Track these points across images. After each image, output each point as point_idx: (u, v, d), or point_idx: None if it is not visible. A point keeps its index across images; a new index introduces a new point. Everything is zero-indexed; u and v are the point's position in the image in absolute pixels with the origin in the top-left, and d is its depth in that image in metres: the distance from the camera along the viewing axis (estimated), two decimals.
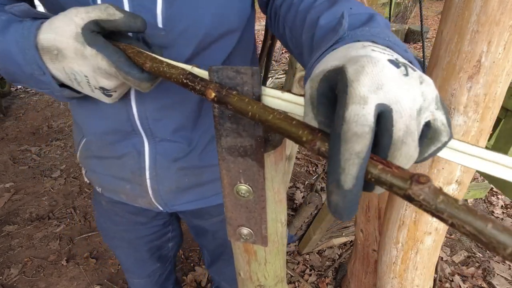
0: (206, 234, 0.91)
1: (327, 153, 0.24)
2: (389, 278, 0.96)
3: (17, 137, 3.07)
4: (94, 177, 0.78)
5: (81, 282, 1.74)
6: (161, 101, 0.59)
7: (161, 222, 0.92)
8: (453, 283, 1.73)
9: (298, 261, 1.85)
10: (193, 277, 1.75)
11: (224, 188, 0.39)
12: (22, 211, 2.18)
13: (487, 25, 0.58)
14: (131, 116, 0.60)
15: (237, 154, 0.36)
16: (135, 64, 0.42)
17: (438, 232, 0.84)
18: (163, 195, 0.71)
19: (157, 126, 0.62)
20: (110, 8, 0.41)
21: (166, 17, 0.50)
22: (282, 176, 0.42)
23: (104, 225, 0.92)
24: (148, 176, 0.67)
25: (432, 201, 0.19)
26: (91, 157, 0.72)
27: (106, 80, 0.45)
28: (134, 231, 0.90)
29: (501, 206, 2.26)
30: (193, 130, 0.66)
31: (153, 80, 0.44)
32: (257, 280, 0.54)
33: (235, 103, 0.29)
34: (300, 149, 2.78)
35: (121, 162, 0.68)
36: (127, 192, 0.73)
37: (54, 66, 0.44)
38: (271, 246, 0.48)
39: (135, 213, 0.85)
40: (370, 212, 1.29)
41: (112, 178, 0.72)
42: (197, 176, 0.71)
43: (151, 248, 0.96)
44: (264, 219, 0.41)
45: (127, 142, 0.64)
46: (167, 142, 0.64)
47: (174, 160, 0.66)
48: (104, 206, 0.87)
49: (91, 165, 0.75)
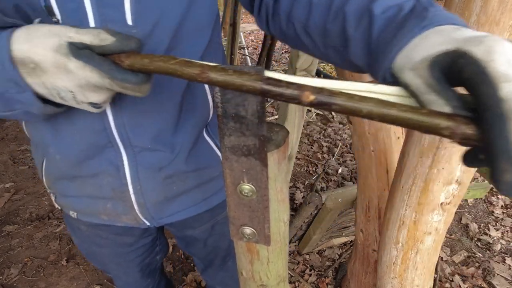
0: (196, 243, 0.87)
1: (477, 136, 0.24)
2: (389, 278, 0.96)
3: (17, 137, 3.07)
4: (66, 201, 0.70)
5: (81, 282, 1.74)
6: (137, 106, 0.55)
7: (149, 240, 0.87)
8: (453, 283, 1.73)
9: (298, 261, 1.85)
10: (193, 277, 1.75)
11: (227, 187, 0.40)
12: (22, 211, 2.18)
13: (487, 25, 0.58)
14: (106, 125, 0.55)
15: (240, 153, 0.36)
16: (126, 69, 0.38)
17: (438, 232, 0.85)
18: (150, 209, 0.67)
19: (136, 134, 0.57)
20: (102, 33, 0.37)
21: (135, 12, 0.47)
22: (285, 176, 0.43)
23: (88, 249, 0.85)
24: (132, 191, 0.63)
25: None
26: (60, 179, 0.65)
27: (95, 94, 0.41)
28: (122, 255, 0.84)
29: (501, 206, 2.26)
30: (174, 135, 0.62)
31: (150, 80, 0.40)
32: (259, 280, 0.54)
33: (344, 102, 0.27)
34: (300, 149, 2.78)
35: (97, 180, 0.62)
36: (108, 212, 0.67)
37: (32, 81, 0.39)
38: (273, 246, 0.49)
39: (121, 234, 0.79)
40: (370, 212, 1.29)
41: (89, 199, 0.66)
42: (184, 182, 0.68)
43: (142, 269, 0.92)
44: (267, 219, 0.41)
45: (101, 158, 0.59)
46: (148, 151, 0.60)
47: (159, 169, 0.63)
48: (84, 231, 0.79)
49: (61, 188, 0.68)
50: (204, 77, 0.32)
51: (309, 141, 2.95)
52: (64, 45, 0.37)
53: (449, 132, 0.24)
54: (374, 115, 0.26)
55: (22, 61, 0.37)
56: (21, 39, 0.37)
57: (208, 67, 0.32)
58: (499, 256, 1.90)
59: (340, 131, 3.08)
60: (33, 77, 0.39)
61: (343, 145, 2.88)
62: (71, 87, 0.39)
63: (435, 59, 0.27)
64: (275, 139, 0.40)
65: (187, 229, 0.82)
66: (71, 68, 0.37)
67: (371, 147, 1.18)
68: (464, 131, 0.24)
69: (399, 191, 0.84)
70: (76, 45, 0.37)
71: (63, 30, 0.37)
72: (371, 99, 0.26)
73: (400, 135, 1.15)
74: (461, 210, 2.23)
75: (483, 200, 2.32)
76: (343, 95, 0.27)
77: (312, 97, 0.27)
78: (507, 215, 2.19)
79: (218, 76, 0.31)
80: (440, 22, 0.33)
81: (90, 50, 0.37)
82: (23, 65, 0.38)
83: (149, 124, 0.58)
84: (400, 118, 0.25)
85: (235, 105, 0.33)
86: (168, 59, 0.35)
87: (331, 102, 0.27)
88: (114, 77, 0.37)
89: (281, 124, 0.43)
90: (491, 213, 2.21)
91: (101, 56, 0.37)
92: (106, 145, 0.58)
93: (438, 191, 0.77)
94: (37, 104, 0.42)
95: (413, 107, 0.26)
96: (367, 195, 1.28)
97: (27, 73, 0.38)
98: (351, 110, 0.27)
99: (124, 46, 0.37)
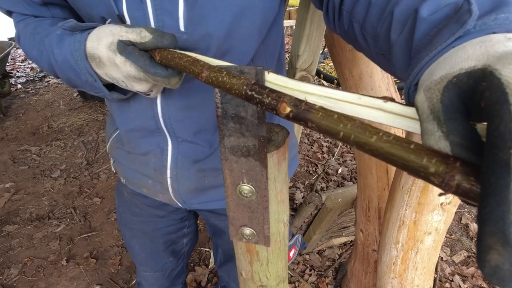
0: (223, 234, 0.93)
1: (476, 192, 0.17)
2: (389, 278, 0.96)
3: (17, 137, 3.07)
4: (120, 168, 0.81)
5: (81, 282, 1.74)
6: (184, 101, 0.61)
7: (179, 217, 0.95)
8: (453, 283, 1.73)
9: (298, 261, 1.85)
10: (193, 277, 1.75)
11: (227, 188, 0.40)
12: (22, 211, 2.18)
13: None
14: (155, 114, 0.62)
15: (240, 154, 0.36)
16: (159, 64, 0.44)
17: (438, 232, 0.84)
18: (182, 194, 0.73)
19: (179, 127, 0.64)
20: (143, 31, 0.44)
21: (188, 19, 0.51)
22: (285, 176, 0.43)
23: (123, 214, 0.95)
24: (169, 175, 0.70)
25: None
26: (120, 149, 0.77)
27: (138, 85, 0.49)
28: (152, 223, 0.92)
29: None
30: (215, 133, 0.67)
31: (180, 75, 0.47)
32: (259, 280, 0.54)
33: (320, 120, 0.23)
34: (300, 149, 2.78)
35: (145, 159, 0.70)
36: (148, 187, 0.76)
37: (100, 72, 0.49)
38: (273, 246, 0.49)
39: (155, 207, 0.88)
40: (370, 212, 1.29)
41: (136, 172, 0.76)
42: (216, 178, 0.72)
43: (166, 241, 0.98)
44: (267, 219, 0.41)
45: (152, 140, 0.67)
46: (189, 143, 0.66)
47: (194, 162, 0.68)
48: (125, 196, 0.90)
49: (119, 156, 0.79)
50: (203, 77, 0.32)
51: (309, 141, 2.95)
52: (115, 43, 0.45)
53: (439, 181, 0.18)
54: (351, 141, 0.22)
55: (92, 56, 0.48)
56: (93, 37, 0.47)
57: (207, 67, 0.32)
58: None
59: None
60: (99, 69, 0.49)
61: (343, 145, 2.88)
62: (121, 77, 0.48)
63: (455, 78, 0.21)
64: (275, 139, 0.40)
65: (215, 219, 0.89)
66: (117, 63, 0.46)
67: None
68: (459, 182, 0.17)
69: (399, 191, 0.84)
70: (125, 42, 0.45)
71: (118, 29, 0.45)
72: (351, 120, 0.22)
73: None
74: (461, 210, 2.23)
75: None
76: (322, 111, 0.23)
77: (288, 109, 0.25)
78: None
79: (212, 76, 0.32)
80: (494, 29, 0.25)
81: (134, 46, 0.45)
82: (93, 59, 0.48)
83: (192, 120, 0.63)
84: (382, 151, 0.20)
85: (235, 105, 0.33)
86: (183, 56, 0.38)
87: (306, 117, 0.24)
88: (147, 70, 0.44)
89: (281, 125, 0.43)
90: None
91: (141, 51, 0.45)
92: (154, 130, 0.65)
93: (438, 191, 0.77)
94: (105, 91, 0.53)
95: (399, 139, 0.20)
96: (367, 195, 1.28)
97: (96, 65, 0.49)
98: (326, 130, 0.23)
99: (159, 42, 0.44)
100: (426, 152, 0.19)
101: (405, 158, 0.19)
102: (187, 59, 0.37)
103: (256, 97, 0.27)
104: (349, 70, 1.12)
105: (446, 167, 0.18)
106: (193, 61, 0.35)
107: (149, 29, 0.44)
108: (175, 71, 0.45)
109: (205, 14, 0.51)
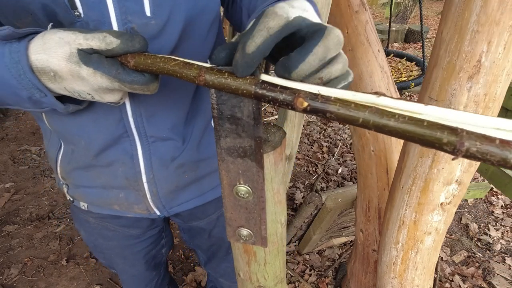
0: (202, 233, 0.90)
1: (481, 152, 0.22)
2: (389, 278, 0.96)
3: (17, 137, 3.07)
4: (79, 192, 0.72)
5: (81, 282, 1.74)
6: (156, 97, 0.58)
7: (155, 231, 0.89)
8: (453, 283, 1.73)
9: (298, 261, 1.85)
10: (193, 277, 1.75)
11: (224, 189, 0.39)
12: (22, 211, 2.18)
13: (487, 25, 0.57)
14: (124, 115, 0.58)
15: (236, 154, 0.36)
16: (134, 70, 0.39)
17: (438, 232, 0.84)
18: (162, 198, 0.69)
19: (151, 124, 0.60)
20: (107, 36, 0.38)
21: (153, 4, 0.48)
22: (282, 177, 0.42)
23: (95, 242, 0.86)
24: (145, 179, 0.65)
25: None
26: (75, 169, 0.67)
27: (109, 95, 0.44)
28: (129, 247, 0.86)
29: (501, 206, 2.26)
30: (186, 125, 0.65)
31: (158, 78, 0.42)
32: (256, 281, 0.54)
33: (338, 110, 0.26)
34: (300, 149, 2.78)
35: (111, 169, 0.64)
36: (120, 202, 0.70)
37: (55, 86, 0.43)
38: (270, 247, 0.48)
39: (128, 226, 0.81)
40: (370, 212, 1.29)
41: (102, 189, 0.69)
42: (195, 171, 0.70)
43: (147, 261, 0.93)
44: (264, 220, 0.41)
45: (117, 148, 0.62)
46: (162, 141, 0.63)
47: (171, 159, 0.65)
48: (92, 223, 0.81)
49: (75, 179, 0.70)
50: (201, 80, 0.32)
51: (309, 141, 2.94)
52: (75, 53, 0.38)
53: (451, 149, 0.22)
54: (370, 125, 0.25)
55: (43, 70, 0.40)
56: (38, 49, 0.40)
57: (205, 69, 0.32)
58: (499, 256, 1.89)
59: (340, 131, 3.08)
60: (54, 83, 0.42)
61: (343, 145, 2.87)
62: (87, 90, 0.42)
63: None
64: (271, 140, 0.39)
65: (194, 220, 0.85)
66: (84, 75, 0.39)
67: (371, 147, 1.18)
68: (469, 147, 0.21)
69: (399, 191, 0.84)
70: (86, 51, 0.39)
71: (73, 37, 0.39)
72: (367, 107, 0.25)
73: None
74: (461, 210, 2.23)
75: (483, 200, 2.31)
76: (339, 102, 0.26)
77: (306, 103, 0.27)
78: (507, 215, 2.19)
79: (214, 79, 0.31)
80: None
81: (99, 54, 0.39)
82: (44, 74, 0.41)
83: (164, 115, 0.61)
84: (398, 130, 0.24)
85: (231, 106, 0.33)
86: (168, 60, 0.35)
87: (325, 109, 0.26)
88: (123, 80, 0.39)
89: (278, 125, 0.43)
90: (491, 213, 2.20)
91: (110, 59, 0.39)
92: (122, 135, 0.60)
93: (438, 191, 0.76)
94: (59, 105, 0.46)
95: (413, 118, 0.24)
96: (367, 195, 1.28)
97: (48, 80, 0.41)
98: (346, 118, 0.25)
99: (129, 47, 0.39)
100: (438, 126, 0.22)
101: (420, 133, 0.23)
102: (175, 63, 0.35)
103: (268, 95, 0.29)
104: None
105: (456, 136, 0.22)
106: (184, 65, 0.34)
107: (114, 33, 0.39)
108: (152, 75, 0.41)
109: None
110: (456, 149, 0.22)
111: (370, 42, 1.07)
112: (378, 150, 1.16)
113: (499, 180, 1.51)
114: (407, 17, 6.45)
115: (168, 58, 0.35)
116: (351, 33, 1.07)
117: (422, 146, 0.23)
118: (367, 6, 1.08)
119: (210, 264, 1.01)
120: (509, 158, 0.20)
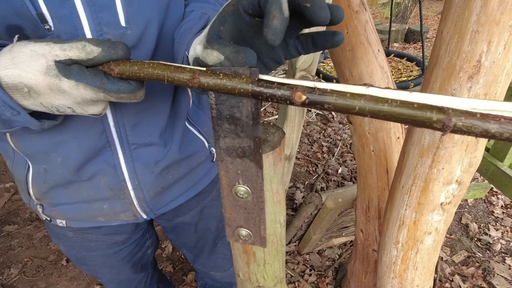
0: (188, 228, 0.89)
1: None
2: (389, 278, 0.96)
3: None
4: (57, 210, 0.68)
5: (81, 282, 1.74)
6: (138, 105, 0.57)
7: (140, 234, 0.88)
8: (453, 283, 1.73)
9: (298, 261, 1.85)
10: (193, 277, 1.75)
11: (223, 189, 0.39)
12: (22, 211, 2.18)
13: (487, 25, 0.57)
14: (106, 126, 0.56)
15: (235, 155, 0.36)
16: (119, 78, 0.37)
17: (438, 232, 0.84)
18: (149, 201, 0.69)
19: (134, 132, 0.60)
20: (87, 45, 0.36)
21: (127, 14, 0.48)
22: (281, 177, 0.42)
23: (78, 255, 0.82)
24: (131, 187, 0.65)
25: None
26: (53, 188, 0.64)
27: (93, 107, 0.41)
28: (114, 255, 0.83)
29: (501, 206, 2.25)
30: (167, 129, 0.65)
31: (143, 86, 0.41)
32: (256, 281, 0.54)
33: (335, 101, 0.27)
34: (300, 149, 2.78)
35: (93, 182, 0.63)
36: (105, 213, 0.68)
37: (29, 103, 0.39)
38: (270, 247, 0.48)
39: (112, 233, 0.79)
40: (370, 212, 1.29)
41: (83, 203, 0.66)
42: (178, 170, 0.71)
43: (134, 264, 0.91)
44: (263, 220, 0.41)
45: (98, 160, 0.60)
46: (144, 147, 0.62)
47: (155, 163, 0.65)
48: (71, 237, 0.77)
49: (52, 198, 0.66)
50: (195, 82, 0.32)
51: (309, 141, 2.94)
52: (52, 65, 0.36)
53: (440, 125, 0.24)
54: (366, 112, 0.26)
55: (15, 86, 0.37)
56: (6, 64, 0.36)
57: (199, 72, 0.32)
58: (499, 256, 1.89)
59: (340, 131, 3.08)
60: (28, 99, 0.38)
61: (343, 145, 2.87)
62: (68, 104, 0.39)
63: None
64: (270, 140, 0.39)
65: (178, 217, 0.85)
66: (65, 89, 0.37)
67: (371, 147, 1.17)
68: (456, 122, 0.24)
69: (399, 191, 0.84)
70: (64, 62, 0.36)
71: (47, 48, 0.36)
72: (362, 96, 0.26)
73: (400, 135, 1.14)
74: (461, 210, 2.23)
75: (483, 200, 2.31)
76: (335, 93, 0.27)
77: (304, 97, 0.28)
78: (507, 215, 2.18)
79: (209, 81, 0.31)
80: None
81: (79, 64, 0.37)
82: (16, 90, 0.37)
83: (146, 122, 0.61)
84: (392, 113, 0.25)
85: (229, 107, 0.33)
86: (157, 65, 0.34)
87: (323, 101, 0.27)
88: (108, 89, 0.37)
89: (277, 125, 0.43)
90: (491, 213, 2.20)
91: (92, 69, 0.37)
92: (104, 146, 0.59)
93: (438, 191, 0.76)
94: (34, 122, 0.42)
95: (405, 102, 0.25)
96: (367, 195, 1.28)
97: (22, 96, 0.38)
98: (343, 107, 0.27)
99: (112, 55, 0.36)
100: (427, 107, 0.24)
101: (412, 115, 0.25)
102: (166, 67, 0.34)
103: (266, 92, 0.29)
104: (349, 70, 1.11)
105: (444, 114, 0.24)
106: (176, 68, 0.33)
107: (93, 41, 0.36)
108: (138, 82, 0.39)
109: (143, 6, 0.49)
110: (445, 125, 0.24)
111: (370, 42, 1.07)
112: (378, 150, 1.16)
113: (499, 180, 1.51)
114: (407, 17, 6.45)
115: (157, 63, 0.34)
116: (351, 33, 1.07)
117: (415, 126, 0.25)
118: (367, 6, 1.08)
119: (199, 260, 1.00)
120: (490, 128, 0.23)
